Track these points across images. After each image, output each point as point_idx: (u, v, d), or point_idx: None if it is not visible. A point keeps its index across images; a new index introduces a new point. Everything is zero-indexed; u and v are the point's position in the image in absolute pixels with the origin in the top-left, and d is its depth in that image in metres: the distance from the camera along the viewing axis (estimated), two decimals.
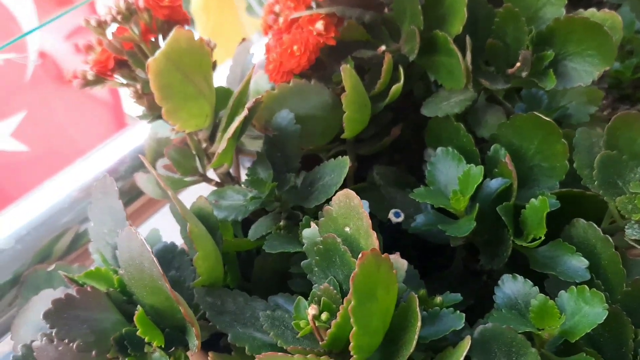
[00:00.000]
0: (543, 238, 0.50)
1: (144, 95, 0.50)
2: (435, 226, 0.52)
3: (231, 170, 0.57)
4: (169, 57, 0.44)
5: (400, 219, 0.51)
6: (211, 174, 0.57)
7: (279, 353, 0.35)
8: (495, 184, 0.53)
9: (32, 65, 1.25)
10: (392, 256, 0.46)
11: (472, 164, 0.52)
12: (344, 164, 0.50)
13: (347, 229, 0.43)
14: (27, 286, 0.50)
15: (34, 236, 0.58)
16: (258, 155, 0.53)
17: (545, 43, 0.55)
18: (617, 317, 0.46)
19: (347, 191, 0.42)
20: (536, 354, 0.42)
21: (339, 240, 0.41)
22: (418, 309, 0.39)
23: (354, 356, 0.36)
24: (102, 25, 0.47)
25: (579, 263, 0.49)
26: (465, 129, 0.56)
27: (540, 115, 0.54)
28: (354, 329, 0.35)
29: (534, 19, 0.56)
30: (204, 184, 0.57)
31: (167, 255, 0.46)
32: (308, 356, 0.36)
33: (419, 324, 0.39)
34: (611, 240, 0.49)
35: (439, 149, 0.55)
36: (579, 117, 0.68)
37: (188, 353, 0.43)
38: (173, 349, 0.41)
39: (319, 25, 0.53)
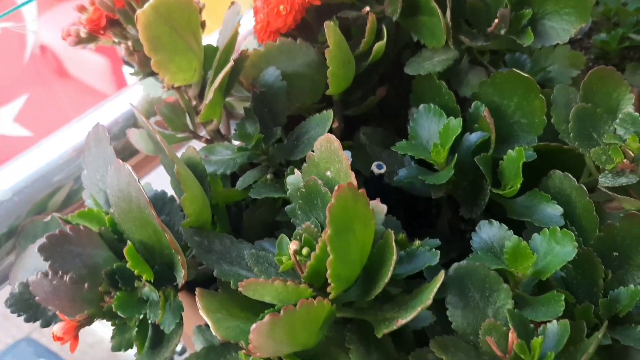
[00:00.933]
0: (519, 187, 0.52)
1: (134, 52, 0.52)
2: (416, 178, 0.54)
3: (221, 129, 0.59)
4: (157, 10, 0.46)
5: (382, 171, 0.53)
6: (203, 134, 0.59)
7: (261, 279, 0.37)
8: (474, 137, 0.55)
9: (31, 37, 1.27)
10: (372, 201, 0.48)
11: (451, 118, 0.53)
12: (328, 117, 0.52)
13: (329, 172, 0.45)
14: (25, 236, 0.52)
15: (31, 190, 0.60)
16: (246, 111, 0.55)
17: (524, 2, 0.57)
18: (589, 259, 0.48)
19: (328, 135, 0.44)
20: (508, 289, 0.44)
21: (320, 182, 0.44)
22: (394, 243, 0.42)
23: (332, 285, 0.39)
24: None
25: (553, 210, 0.51)
26: (447, 87, 0.58)
27: (519, 72, 0.56)
28: (330, 257, 0.37)
29: None
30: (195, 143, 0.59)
31: (158, 202, 0.49)
32: (287, 283, 0.38)
33: (395, 257, 0.41)
34: (585, 189, 0.51)
35: (421, 106, 0.57)
36: (560, 79, 0.70)
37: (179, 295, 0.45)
38: (163, 286, 0.43)
39: None
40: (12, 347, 1.17)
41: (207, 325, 0.50)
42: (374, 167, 0.53)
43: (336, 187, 0.37)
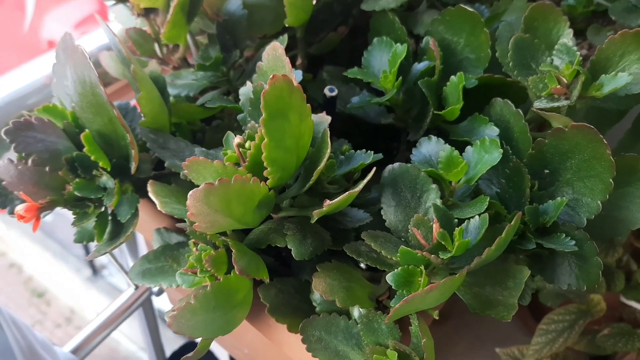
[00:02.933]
0: (459, 108, 0.55)
1: None
2: (367, 102, 0.58)
3: (189, 60, 0.63)
4: None
5: (334, 94, 0.57)
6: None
7: (201, 157, 0.41)
8: (421, 65, 0.59)
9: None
10: (318, 114, 0.52)
11: (397, 44, 0.57)
12: (282, 40, 0.55)
13: None
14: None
15: (4, 112, 0.64)
16: (209, 36, 0.59)
17: None
18: (518, 170, 0.52)
19: (274, 43, 0.48)
20: (437, 189, 0.48)
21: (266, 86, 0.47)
22: (329, 139, 0.45)
23: (268, 168, 0.42)
24: None
25: (491, 131, 0.55)
26: (399, 22, 0.61)
27: (465, 7, 0.59)
28: (265, 140, 0.41)
29: None
30: None
31: (121, 111, 0.52)
32: (227, 163, 0.41)
33: (329, 150, 0.45)
34: (521, 113, 0.55)
35: (375, 39, 0.61)
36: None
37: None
38: (120, 177, 0.47)
39: None
40: None
41: (165, 228, 0.54)
42: (326, 90, 0.57)
43: (271, 76, 0.41)
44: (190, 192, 0.38)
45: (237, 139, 0.45)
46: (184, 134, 0.58)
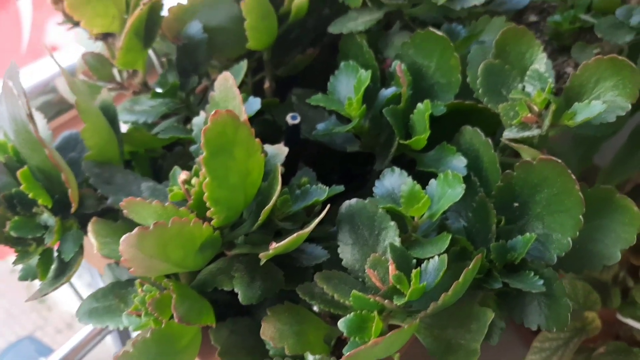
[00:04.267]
0: (426, 138, 0.53)
1: (59, 1, 0.54)
2: (332, 131, 0.56)
3: (151, 81, 0.60)
4: None
5: (296, 121, 0.55)
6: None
7: (138, 199, 0.39)
8: (388, 92, 0.56)
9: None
10: (275, 145, 0.50)
11: (361, 71, 0.55)
12: (241, 67, 0.53)
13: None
14: None
15: None
16: (168, 61, 0.56)
17: None
18: (484, 205, 0.49)
19: (225, 74, 0.46)
20: (395, 227, 0.46)
21: None
22: (279, 175, 0.43)
23: (212, 209, 0.40)
24: None
25: (458, 162, 0.52)
26: (367, 44, 0.59)
27: (434, 30, 0.57)
28: (207, 179, 0.39)
29: None
30: None
31: (71, 141, 0.50)
32: (166, 204, 0.39)
33: (279, 188, 0.43)
34: (490, 142, 0.53)
35: (342, 63, 0.59)
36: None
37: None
38: (63, 215, 0.45)
39: None
40: (15, 345, 1.21)
41: (116, 263, 0.51)
42: (288, 118, 0.55)
43: (212, 112, 0.39)
44: (123, 238, 0.36)
45: (183, 175, 0.43)
46: (141, 163, 0.56)
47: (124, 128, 0.58)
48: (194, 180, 0.43)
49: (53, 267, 0.47)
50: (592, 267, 0.53)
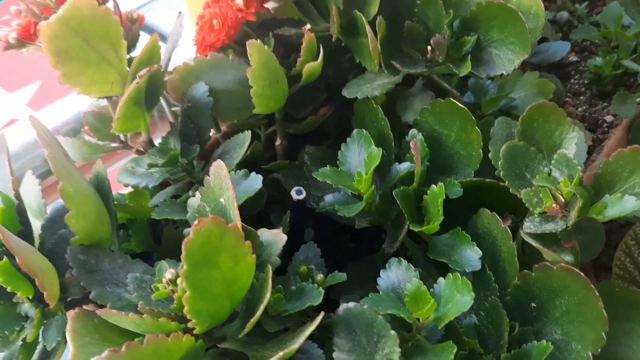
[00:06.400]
0: (438, 225, 0.49)
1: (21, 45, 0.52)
2: (340, 207, 0.52)
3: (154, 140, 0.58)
4: (67, 22, 0.45)
5: (301, 197, 0.52)
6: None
7: (114, 311, 0.36)
8: (402, 167, 0.52)
9: None
10: (274, 231, 0.47)
11: (372, 147, 0.51)
12: (244, 140, 0.50)
13: (222, 199, 0.43)
14: None
15: None
16: (171, 126, 0.54)
17: (469, 28, 0.54)
18: (497, 311, 0.45)
19: (219, 162, 0.43)
20: (395, 337, 0.42)
21: (208, 209, 0.42)
22: (270, 280, 0.40)
23: (193, 320, 0.37)
24: None
25: (473, 253, 0.48)
26: (383, 112, 0.55)
27: (455, 102, 0.53)
28: (187, 293, 0.36)
29: (461, 3, 0.54)
30: None
31: (63, 213, 0.48)
32: (144, 316, 0.36)
33: (268, 295, 0.40)
34: (509, 232, 0.49)
35: (355, 131, 0.55)
36: (525, 108, 0.65)
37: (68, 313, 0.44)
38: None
39: (239, 0, 0.54)
40: None
41: None
42: (293, 193, 0.52)
43: (195, 222, 0.36)
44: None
45: (168, 274, 0.40)
46: (139, 230, 0.54)
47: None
48: (178, 280, 0.40)
49: (37, 352, 0.45)
50: None
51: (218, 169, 0.42)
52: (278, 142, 0.61)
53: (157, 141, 0.59)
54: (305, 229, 0.60)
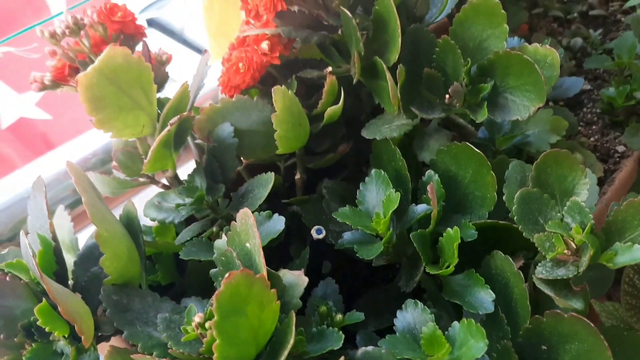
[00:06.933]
0: (453, 267, 0.51)
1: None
2: (358, 246, 0.54)
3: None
4: (102, 72, 0.47)
5: (321, 236, 0.54)
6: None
7: (148, 357, 0.38)
8: (419, 209, 0.54)
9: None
10: (295, 272, 0.49)
11: (391, 190, 0.53)
12: (268, 180, 0.52)
13: (248, 244, 0.46)
14: None
15: (8, 213, 0.64)
16: (197, 164, 0.56)
17: (486, 74, 0.56)
18: (509, 353, 0.47)
19: (246, 211, 0.45)
20: None
21: (234, 255, 0.45)
22: (294, 326, 0.42)
23: None
24: (55, 37, 0.52)
25: (486, 295, 0.50)
26: (401, 153, 0.57)
27: (471, 146, 0.55)
28: (217, 341, 0.38)
29: (478, 49, 0.56)
30: None
31: (95, 252, 0.51)
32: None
33: (292, 340, 0.42)
34: (522, 275, 0.50)
35: (373, 171, 0.57)
36: (539, 145, 0.68)
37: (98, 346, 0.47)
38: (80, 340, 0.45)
39: (264, 45, 0.56)
40: None
41: None
42: (313, 232, 0.54)
43: (227, 275, 0.38)
44: None
45: (197, 318, 0.42)
46: (165, 264, 0.56)
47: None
48: (207, 324, 0.42)
49: None
50: None
51: (245, 216, 0.45)
52: (298, 176, 0.63)
53: (179, 169, 0.62)
54: (324, 261, 0.63)
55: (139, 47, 0.58)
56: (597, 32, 1.04)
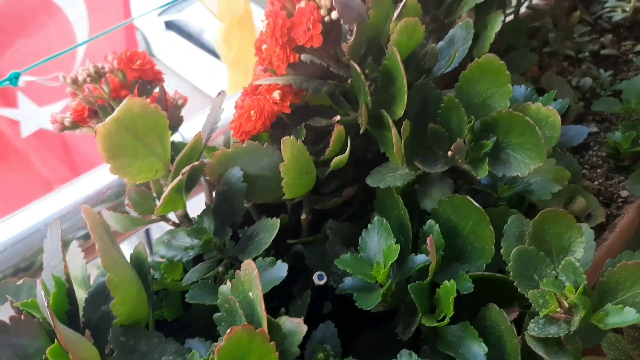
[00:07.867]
0: (449, 319, 0.53)
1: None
2: (357, 294, 0.56)
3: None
4: (121, 121, 0.50)
5: (322, 282, 0.56)
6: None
7: None
8: (419, 260, 0.56)
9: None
10: (295, 320, 0.51)
11: (392, 240, 0.55)
12: (274, 226, 0.55)
13: (251, 294, 0.48)
14: None
15: (24, 244, 0.67)
16: (206, 206, 0.58)
17: (490, 130, 0.57)
18: None
19: (250, 262, 0.47)
20: None
21: (238, 304, 0.47)
22: None
23: None
24: (76, 83, 0.54)
25: (479, 349, 0.52)
26: (404, 196, 0.59)
27: (471, 200, 0.57)
28: None
29: (483, 106, 0.58)
30: None
31: (105, 290, 0.53)
32: None
33: None
34: (514, 330, 0.52)
35: (376, 218, 0.59)
36: (541, 194, 0.69)
37: None
38: None
39: (276, 94, 0.58)
40: None
41: None
42: (314, 278, 0.56)
43: (228, 330, 0.40)
44: None
45: None
46: (171, 302, 0.58)
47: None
48: None
49: None
50: None
51: (249, 268, 0.47)
52: (303, 216, 0.65)
53: (190, 201, 0.64)
54: (325, 302, 0.65)
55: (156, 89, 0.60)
56: (607, 72, 1.05)
